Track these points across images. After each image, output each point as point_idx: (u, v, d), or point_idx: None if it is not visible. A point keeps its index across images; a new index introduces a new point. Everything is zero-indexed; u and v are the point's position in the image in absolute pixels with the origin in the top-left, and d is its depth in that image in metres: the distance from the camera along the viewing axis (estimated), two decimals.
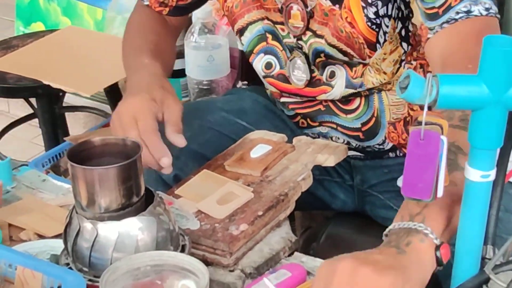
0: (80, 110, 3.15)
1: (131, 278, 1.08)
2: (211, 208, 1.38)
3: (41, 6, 3.45)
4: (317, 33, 1.50)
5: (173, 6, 1.69)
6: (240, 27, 1.61)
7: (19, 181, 1.62)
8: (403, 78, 0.96)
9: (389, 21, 1.45)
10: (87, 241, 1.21)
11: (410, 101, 0.97)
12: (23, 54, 2.67)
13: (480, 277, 1.03)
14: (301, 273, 1.30)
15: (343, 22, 1.45)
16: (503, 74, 0.95)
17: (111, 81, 2.60)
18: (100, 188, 1.19)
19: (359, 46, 1.47)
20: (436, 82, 0.95)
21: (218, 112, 1.72)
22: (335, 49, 1.49)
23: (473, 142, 0.98)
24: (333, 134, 1.67)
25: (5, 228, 1.44)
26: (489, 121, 0.96)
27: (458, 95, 0.96)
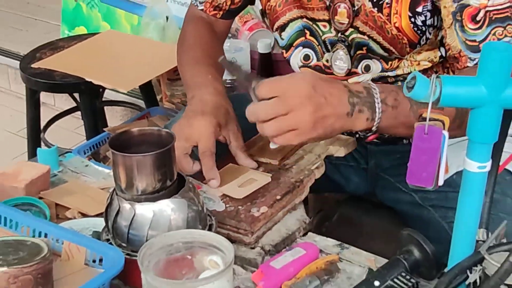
0: (118, 105, 3.17)
1: (165, 253, 1.08)
2: (232, 190, 1.38)
3: (84, 12, 3.46)
4: (360, 29, 1.50)
5: (226, 10, 1.70)
6: (281, 24, 1.61)
7: (65, 166, 1.62)
8: (410, 78, 0.96)
9: (433, 30, 1.46)
10: (126, 219, 1.21)
11: (416, 99, 0.96)
12: (68, 54, 2.68)
13: (475, 257, 1.02)
14: (314, 251, 1.30)
15: (391, 26, 1.45)
16: (499, 76, 0.94)
17: (145, 79, 2.61)
18: (138, 173, 1.19)
19: (401, 46, 1.47)
20: (440, 82, 0.95)
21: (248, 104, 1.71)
22: (378, 45, 1.49)
23: (471, 136, 0.97)
24: None
25: (52, 207, 1.44)
26: (486, 118, 0.96)
27: (459, 94, 0.95)
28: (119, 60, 2.65)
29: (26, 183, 1.45)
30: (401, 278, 1.17)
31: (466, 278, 1.03)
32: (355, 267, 1.28)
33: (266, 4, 1.62)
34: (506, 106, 0.96)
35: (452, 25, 1.39)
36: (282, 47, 1.65)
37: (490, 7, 1.35)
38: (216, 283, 1.00)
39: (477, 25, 1.36)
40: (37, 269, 1.08)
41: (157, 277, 1.00)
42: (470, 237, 1.04)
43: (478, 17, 1.36)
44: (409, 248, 1.21)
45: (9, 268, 1.06)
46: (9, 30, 4.30)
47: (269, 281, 1.22)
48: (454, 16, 1.38)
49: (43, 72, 2.58)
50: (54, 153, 1.62)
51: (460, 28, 1.38)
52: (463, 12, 1.37)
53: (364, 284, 1.17)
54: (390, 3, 1.45)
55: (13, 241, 1.15)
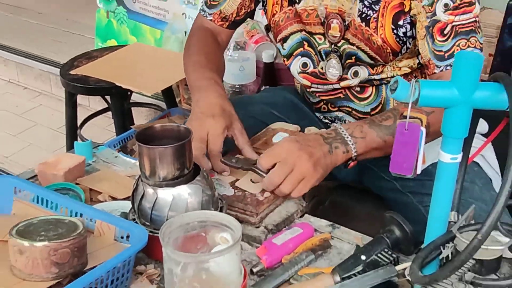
0: (143, 106, 3.15)
1: (183, 231, 1.07)
2: (248, 186, 1.37)
3: (114, 27, 3.45)
4: (350, 41, 1.50)
5: (232, 21, 1.69)
6: (284, 36, 1.61)
7: (98, 157, 1.62)
8: (393, 82, 0.95)
9: (412, 40, 1.46)
10: (149, 202, 1.20)
11: (398, 100, 0.96)
12: (101, 63, 2.68)
13: (448, 236, 1.02)
14: (310, 230, 1.29)
15: (377, 37, 1.45)
16: (470, 81, 0.94)
17: (167, 84, 2.61)
18: (160, 163, 1.19)
19: (386, 54, 1.47)
20: (418, 86, 0.94)
21: (258, 105, 1.73)
22: (365, 54, 1.49)
23: (445, 132, 0.97)
24: (346, 118, 1.65)
25: (87, 192, 1.43)
26: (458, 116, 0.95)
27: (435, 96, 0.95)
28: (144, 68, 2.65)
29: (65, 171, 1.45)
30: (384, 253, 1.17)
31: (440, 253, 1.02)
32: (344, 244, 1.28)
33: (271, 19, 1.61)
34: (475, 106, 0.96)
35: (425, 37, 1.40)
36: (284, 56, 1.65)
37: (457, 22, 1.36)
38: (226, 256, 1.00)
39: (445, 37, 1.37)
40: (73, 243, 1.08)
41: (175, 251, 1.00)
42: (444, 218, 1.04)
43: (446, 30, 1.37)
44: (391, 227, 1.20)
45: (50, 242, 1.06)
46: (51, 42, 4.29)
47: (271, 255, 1.22)
48: (427, 30, 1.39)
49: (79, 78, 2.57)
50: (89, 146, 1.62)
51: (431, 39, 1.39)
52: (434, 26, 1.38)
53: (352, 258, 1.17)
54: (376, 17, 1.44)
55: (53, 219, 1.15)
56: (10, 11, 4.86)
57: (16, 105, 3.88)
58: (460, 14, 1.35)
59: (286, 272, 1.17)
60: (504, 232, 1.02)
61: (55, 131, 3.55)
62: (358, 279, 1.12)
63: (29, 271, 1.06)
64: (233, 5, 1.67)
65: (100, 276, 1.08)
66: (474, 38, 1.36)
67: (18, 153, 3.37)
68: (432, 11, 1.37)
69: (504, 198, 0.84)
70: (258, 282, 1.17)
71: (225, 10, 1.68)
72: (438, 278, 0.92)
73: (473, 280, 0.96)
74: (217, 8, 1.68)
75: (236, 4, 1.66)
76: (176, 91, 2.85)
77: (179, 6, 3.10)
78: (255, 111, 1.69)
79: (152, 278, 1.20)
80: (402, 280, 1.13)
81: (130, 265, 1.14)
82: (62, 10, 4.77)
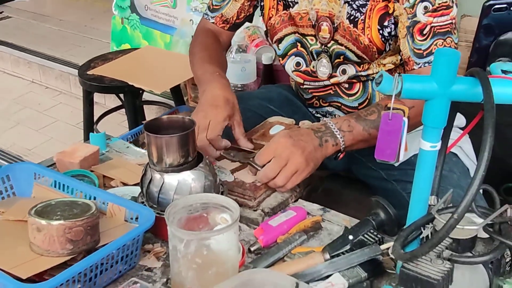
0: (153, 104, 3.15)
1: (186, 212, 1.07)
2: (244, 176, 1.36)
3: (128, 32, 3.45)
4: (339, 42, 1.49)
5: (232, 23, 1.70)
6: (279, 37, 1.60)
7: (111, 147, 1.62)
8: (378, 76, 0.95)
9: (395, 39, 1.46)
10: (156, 186, 1.20)
11: (382, 92, 0.95)
12: (115, 64, 2.67)
13: (428, 217, 1.02)
14: (303, 213, 1.29)
15: (364, 37, 1.45)
16: (448, 75, 0.93)
17: (174, 83, 2.61)
18: (166, 151, 1.19)
19: (372, 53, 1.47)
20: (401, 79, 0.94)
21: (255, 100, 1.73)
22: (353, 54, 1.48)
23: (425, 122, 0.96)
24: (336, 112, 1.64)
25: (100, 178, 1.43)
26: (437, 108, 0.95)
27: (416, 89, 0.94)
28: (154, 69, 2.64)
29: (81, 159, 1.45)
30: (370, 234, 1.17)
31: (420, 233, 1.02)
32: (334, 226, 1.28)
33: (267, 22, 1.61)
34: (453, 98, 0.95)
35: (405, 36, 1.40)
36: (279, 56, 1.64)
37: (435, 23, 1.36)
38: (226, 234, 1.00)
39: (424, 37, 1.37)
40: (87, 222, 1.08)
41: (179, 229, 1.00)
42: (424, 202, 1.04)
43: (425, 31, 1.37)
44: (377, 211, 1.20)
45: (65, 221, 1.06)
46: (71, 46, 4.29)
47: (267, 236, 1.22)
48: (408, 29, 1.39)
49: (95, 78, 2.57)
50: (103, 137, 1.62)
51: (411, 39, 1.39)
52: (415, 26, 1.38)
53: (341, 238, 1.17)
54: (363, 19, 1.44)
55: (68, 201, 1.15)
56: (34, 18, 4.86)
57: (39, 103, 3.88)
58: (438, 16, 1.35)
59: (280, 251, 1.18)
60: (479, 214, 1.02)
61: (73, 127, 3.55)
62: (346, 257, 1.12)
63: (46, 247, 1.06)
64: (234, 9, 1.67)
65: (111, 252, 1.08)
66: (450, 38, 1.36)
67: (40, 146, 3.37)
68: (413, 13, 1.37)
69: (478, 181, 0.84)
70: (255, 259, 1.17)
71: (226, 14, 1.69)
72: (417, 254, 0.91)
73: (450, 257, 0.96)
74: (219, 11, 1.69)
75: (236, 8, 1.67)
76: (183, 90, 2.85)
77: (186, 13, 3.10)
78: (253, 105, 1.69)
79: (159, 256, 1.20)
80: (386, 258, 1.14)
81: (138, 243, 1.14)
82: (81, 18, 4.77)
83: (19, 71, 4.24)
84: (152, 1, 3.27)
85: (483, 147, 0.84)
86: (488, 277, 1.00)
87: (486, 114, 0.86)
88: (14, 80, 4.21)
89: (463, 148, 1.53)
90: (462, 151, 1.52)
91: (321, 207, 1.34)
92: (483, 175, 0.84)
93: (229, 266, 1.02)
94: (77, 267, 1.03)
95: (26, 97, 3.97)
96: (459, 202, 0.86)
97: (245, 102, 1.66)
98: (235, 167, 1.38)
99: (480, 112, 1.05)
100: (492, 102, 0.87)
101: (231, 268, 1.02)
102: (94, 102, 2.79)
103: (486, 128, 0.85)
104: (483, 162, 0.84)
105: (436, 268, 0.92)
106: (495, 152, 1.97)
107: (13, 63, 4.27)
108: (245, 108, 1.60)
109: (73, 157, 1.46)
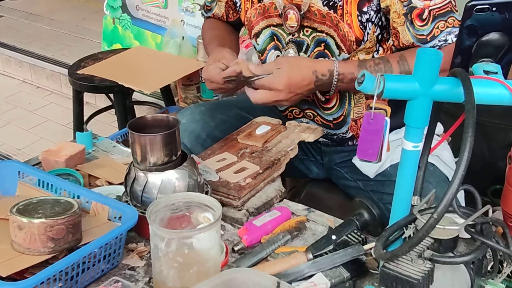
0: (143, 104, 3.14)
1: (169, 212, 1.07)
2: (229, 176, 1.35)
3: (119, 33, 3.44)
4: (318, 29, 1.46)
5: (225, 21, 1.74)
6: (256, 32, 1.58)
7: (97, 146, 1.61)
8: (360, 76, 0.95)
9: (371, 26, 1.42)
10: (140, 185, 1.20)
11: (364, 92, 0.95)
12: (106, 64, 2.66)
13: (410, 217, 1.02)
14: (287, 213, 1.29)
15: (343, 24, 1.41)
16: (429, 75, 0.93)
17: (164, 83, 2.60)
18: (150, 149, 1.18)
19: (350, 43, 1.42)
20: (383, 79, 0.94)
21: (234, 109, 1.70)
22: (333, 41, 1.45)
23: (407, 122, 0.96)
24: (310, 124, 1.60)
25: (86, 177, 1.43)
26: (419, 108, 0.95)
27: (398, 89, 0.94)
28: (145, 69, 2.63)
29: (66, 158, 1.45)
30: (353, 234, 1.17)
31: (403, 233, 1.02)
32: (318, 226, 1.28)
33: (245, 17, 1.59)
34: (434, 98, 0.95)
35: (404, 24, 1.37)
36: (259, 51, 1.61)
37: (433, 6, 1.34)
38: (207, 233, 1.00)
39: (424, 22, 1.35)
40: (68, 221, 1.07)
41: (160, 227, 0.99)
42: (407, 202, 1.03)
43: (424, 15, 1.35)
44: (360, 211, 1.20)
45: (47, 219, 1.06)
46: (62, 46, 4.28)
47: (251, 235, 1.22)
48: (406, 17, 1.36)
49: (85, 77, 2.56)
50: (89, 136, 1.62)
51: (411, 26, 1.36)
52: (412, 12, 1.35)
53: (324, 238, 1.17)
54: (342, 5, 1.41)
55: (51, 199, 1.15)
56: (25, 17, 4.85)
57: (29, 103, 3.86)
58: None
59: (264, 250, 1.17)
60: (460, 214, 1.02)
61: (64, 127, 3.54)
62: (329, 257, 1.12)
63: (27, 246, 1.06)
64: (221, 8, 1.70)
65: (93, 251, 1.08)
66: (452, 17, 1.34)
67: (30, 146, 3.36)
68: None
69: (458, 181, 0.84)
70: (238, 259, 1.17)
71: (216, 14, 1.72)
72: (398, 254, 0.91)
73: (431, 257, 0.96)
74: (210, 12, 1.75)
75: (223, 8, 1.70)
76: (174, 90, 2.84)
77: (177, 14, 3.09)
78: (231, 116, 1.67)
79: (142, 255, 1.20)
80: (370, 258, 1.14)
81: (121, 242, 1.14)
82: (73, 17, 4.75)
83: (10, 71, 4.23)
84: (143, 1, 3.27)
85: (463, 147, 0.84)
86: (470, 278, 1.00)
87: (467, 114, 0.86)
88: (5, 80, 4.19)
89: (441, 156, 1.49)
90: (439, 160, 1.49)
91: (306, 207, 1.34)
92: (463, 175, 0.84)
93: (211, 265, 1.02)
94: (58, 266, 1.03)
95: (17, 97, 3.96)
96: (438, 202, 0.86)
97: (223, 112, 1.65)
98: (220, 167, 1.38)
99: (462, 114, 1.05)
100: (473, 102, 0.87)
101: (212, 267, 1.02)
102: (85, 102, 2.77)
103: (467, 128, 0.85)
104: (463, 162, 0.84)
105: (416, 268, 0.92)
106: (483, 154, 1.98)
107: (4, 62, 4.25)
108: (222, 120, 1.62)
109: (59, 156, 1.45)
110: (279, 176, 1.41)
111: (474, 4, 0.95)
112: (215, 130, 1.60)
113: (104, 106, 3.04)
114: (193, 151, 1.54)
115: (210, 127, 1.60)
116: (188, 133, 1.59)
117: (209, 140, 1.57)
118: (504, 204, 1.27)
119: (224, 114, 1.66)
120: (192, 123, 1.61)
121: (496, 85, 0.93)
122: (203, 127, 1.60)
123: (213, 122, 1.62)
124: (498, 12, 0.95)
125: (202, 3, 1.77)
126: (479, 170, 1.86)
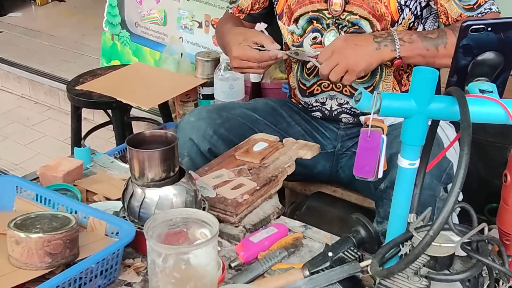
0: (141, 120, 3.14)
1: (167, 227, 1.07)
2: (226, 192, 1.36)
3: (118, 49, 3.46)
4: (354, 12, 1.57)
5: (247, 13, 1.82)
6: (296, 17, 1.66)
7: (95, 162, 1.62)
8: (357, 94, 0.96)
9: (408, 12, 1.55)
10: (138, 201, 1.20)
11: (361, 109, 0.96)
12: (104, 80, 2.67)
13: (406, 235, 1.02)
14: (284, 230, 1.29)
15: (381, 5, 1.54)
16: (426, 94, 0.95)
17: (163, 99, 2.60)
18: (148, 165, 1.19)
19: (385, 23, 1.55)
20: (380, 97, 0.95)
21: (240, 108, 1.75)
22: (367, 22, 1.56)
23: (404, 139, 0.97)
24: (338, 96, 1.66)
25: (84, 193, 1.43)
26: (415, 125, 0.96)
27: (394, 107, 0.95)
28: (143, 85, 2.64)
29: (64, 173, 1.45)
30: (350, 251, 1.17)
31: (399, 250, 1.03)
32: (315, 243, 1.28)
33: (284, 5, 1.68)
34: (431, 117, 0.97)
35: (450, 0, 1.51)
36: (298, 35, 1.68)
37: None
38: (204, 249, 1.00)
39: None
40: (66, 236, 1.08)
41: (157, 243, 1.00)
42: (403, 219, 1.04)
43: None
44: (357, 228, 1.21)
45: (44, 234, 1.06)
46: (61, 62, 4.29)
47: (248, 252, 1.22)
48: None
49: (84, 93, 2.56)
50: (87, 151, 1.62)
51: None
52: None
53: (321, 255, 1.17)
54: None
55: (48, 214, 1.15)
56: (24, 33, 4.86)
57: (27, 118, 3.87)
58: None
59: (261, 267, 1.18)
60: (457, 232, 1.03)
61: (61, 142, 3.53)
62: (325, 274, 1.12)
63: (25, 260, 1.06)
64: (248, 0, 1.81)
65: (90, 266, 1.08)
66: None
67: (27, 161, 3.35)
68: None
69: (454, 198, 0.85)
70: (235, 275, 1.17)
71: (241, 5, 1.83)
72: (394, 271, 0.92)
73: (427, 274, 0.96)
74: (236, 3, 1.84)
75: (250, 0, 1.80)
76: (172, 107, 2.85)
77: (176, 31, 3.11)
78: (237, 114, 1.72)
79: (139, 271, 1.20)
80: (366, 275, 1.14)
81: (118, 257, 1.14)
82: (72, 33, 4.77)
83: (9, 86, 4.24)
84: (142, 18, 3.29)
85: (459, 164, 0.85)
86: None
87: (462, 132, 0.87)
88: (3, 95, 4.20)
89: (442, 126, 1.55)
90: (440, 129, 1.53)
91: (303, 224, 1.34)
92: (458, 192, 0.85)
93: (207, 281, 1.02)
94: (55, 281, 1.03)
95: (15, 112, 3.96)
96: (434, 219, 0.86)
97: (228, 111, 1.69)
98: (217, 183, 1.38)
99: (458, 133, 1.06)
100: (468, 120, 0.88)
101: (209, 283, 1.02)
102: (84, 118, 2.78)
103: (462, 146, 0.86)
104: (458, 179, 0.85)
105: (412, 285, 0.93)
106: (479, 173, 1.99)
107: (2, 78, 4.26)
108: (228, 117, 1.67)
109: (57, 171, 1.46)
110: (276, 192, 1.41)
111: (469, 24, 0.97)
112: (221, 127, 1.65)
113: (102, 122, 3.04)
114: (199, 147, 1.60)
115: (216, 124, 1.65)
116: (196, 129, 1.63)
117: (215, 136, 1.62)
118: (500, 223, 1.27)
119: (230, 113, 1.71)
120: (199, 120, 1.65)
121: (491, 104, 0.95)
122: (209, 123, 1.64)
123: (220, 119, 1.66)
124: (493, 32, 0.97)
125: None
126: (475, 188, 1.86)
